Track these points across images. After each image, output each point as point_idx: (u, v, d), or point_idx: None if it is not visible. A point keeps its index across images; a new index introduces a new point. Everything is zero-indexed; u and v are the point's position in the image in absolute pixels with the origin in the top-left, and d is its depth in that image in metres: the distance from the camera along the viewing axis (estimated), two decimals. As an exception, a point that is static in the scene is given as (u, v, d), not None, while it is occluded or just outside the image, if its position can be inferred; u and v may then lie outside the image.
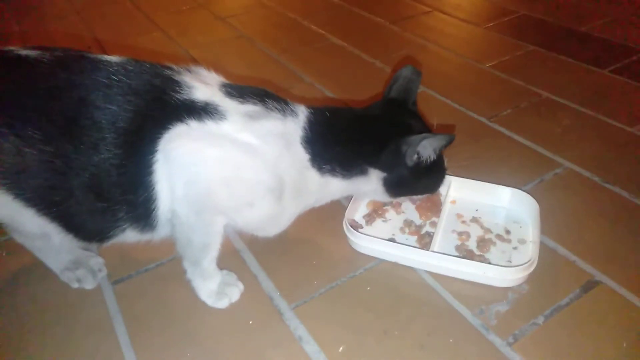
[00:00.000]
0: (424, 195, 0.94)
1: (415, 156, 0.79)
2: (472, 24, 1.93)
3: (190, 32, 1.94)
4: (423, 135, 0.77)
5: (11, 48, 0.71)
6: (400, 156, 0.80)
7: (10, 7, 2.24)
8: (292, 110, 0.78)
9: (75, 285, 0.88)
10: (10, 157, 0.67)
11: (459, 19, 1.98)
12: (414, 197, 0.95)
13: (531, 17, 1.97)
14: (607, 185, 1.08)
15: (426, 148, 0.78)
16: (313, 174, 0.79)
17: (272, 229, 0.84)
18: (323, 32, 1.90)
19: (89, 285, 0.88)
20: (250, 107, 0.74)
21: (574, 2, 2.07)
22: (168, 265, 0.92)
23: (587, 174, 1.12)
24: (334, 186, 0.82)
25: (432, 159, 0.81)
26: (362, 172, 0.82)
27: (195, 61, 1.67)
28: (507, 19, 1.96)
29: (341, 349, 0.77)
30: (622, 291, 0.84)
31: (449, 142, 0.78)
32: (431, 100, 1.43)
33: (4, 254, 0.95)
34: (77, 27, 1.99)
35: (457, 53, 1.71)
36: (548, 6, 2.04)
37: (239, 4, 2.25)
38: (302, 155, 0.78)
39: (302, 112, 0.80)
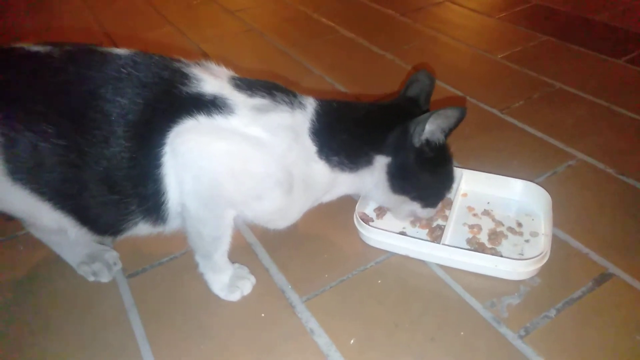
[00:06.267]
0: (426, 212, 0.90)
1: (424, 136, 0.78)
2: (484, 15, 1.91)
3: (200, 26, 1.94)
4: (431, 112, 0.76)
5: (22, 45, 0.72)
6: (408, 136, 0.79)
7: (23, 3, 2.26)
8: (300, 103, 0.78)
9: (92, 278, 0.89)
10: (25, 152, 0.68)
11: (470, 9, 1.96)
12: (417, 209, 0.89)
13: (544, 7, 1.94)
14: (621, 177, 1.07)
15: (434, 127, 0.78)
16: (321, 167, 0.79)
17: (281, 222, 0.84)
18: (333, 24, 1.89)
19: (105, 278, 0.89)
20: (259, 101, 0.75)
21: (588, -10, 2.04)
22: (181, 258, 0.93)
23: (600, 165, 1.10)
24: (341, 180, 0.82)
25: (440, 143, 0.80)
26: (368, 162, 0.82)
27: (206, 55, 1.68)
28: (519, 8, 1.94)
29: (352, 341, 0.77)
30: (636, 284, 0.83)
31: (460, 119, 0.76)
32: (442, 92, 1.42)
33: (21, 248, 0.97)
34: (89, 23, 2.01)
35: (468, 44, 1.69)
36: (561, -5, 2.01)
37: (249, -3, 2.26)
38: (310, 147, 0.78)
39: (310, 104, 0.80)
